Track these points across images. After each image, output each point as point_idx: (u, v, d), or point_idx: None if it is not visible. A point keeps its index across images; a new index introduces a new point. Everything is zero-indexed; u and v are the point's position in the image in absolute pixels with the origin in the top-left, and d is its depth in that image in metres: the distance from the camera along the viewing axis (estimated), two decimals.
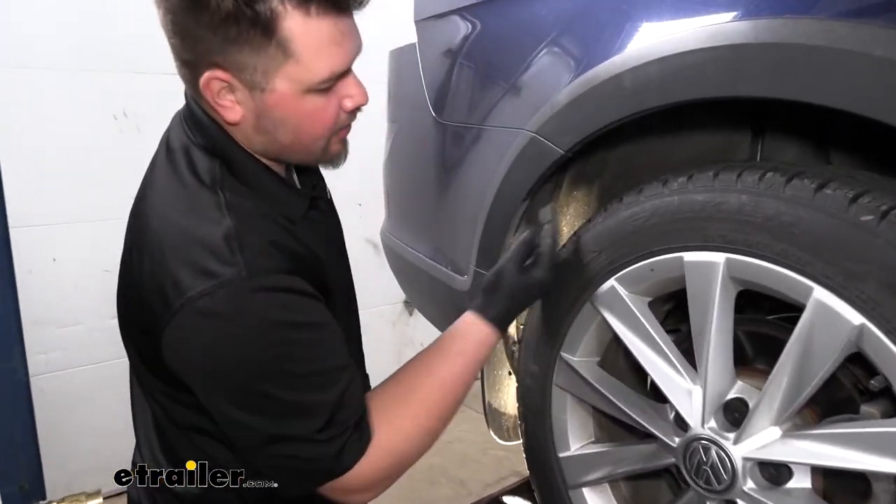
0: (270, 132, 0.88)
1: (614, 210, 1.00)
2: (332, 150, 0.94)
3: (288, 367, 0.82)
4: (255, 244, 0.83)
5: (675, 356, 0.96)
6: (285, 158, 0.95)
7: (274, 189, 0.94)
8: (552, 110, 1.00)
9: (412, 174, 1.47)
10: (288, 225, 0.93)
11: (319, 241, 1.00)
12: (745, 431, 0.87)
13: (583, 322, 1.06)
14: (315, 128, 0.88)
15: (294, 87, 0.83)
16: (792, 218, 0.78)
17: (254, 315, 0.80)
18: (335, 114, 0.89)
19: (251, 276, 0.80)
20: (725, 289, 0.87)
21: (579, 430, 1.12)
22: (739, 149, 1.13)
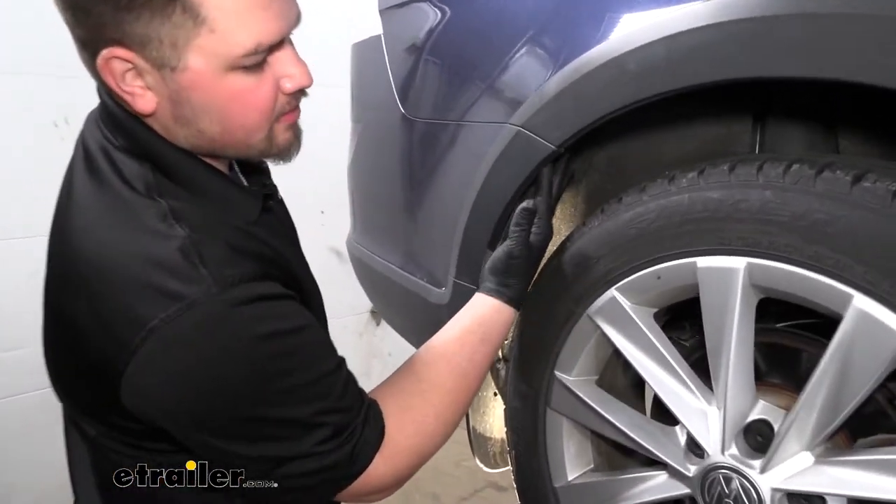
0: (192, 122, 0.75)
1: (613, 212, 0.89)
2: (279, 141, 0.81)
3: (284, 383, 0.73)
4: (217, 254, 0.72)
5: (687, 374, 0.85)
6: (221, 153, 0.81)
7: (220, 190, 0.82)
8: (541, 101, 0.89)
9: (380, 178, 1.35)
10: (245, 227, 0.81)
11: (280, 241, 0.89)
12: (773, 458, 0.77)
13: (579, 337, 0.95)
14: (247, 115, 0.75)
15: (212, 64, 0.70)
16: (826, 216, 0.68)
17: (235, 334, 0.70)
18: (271, 97, 0.76)
19: (222, 290, 0.69)
20: (746, 297, 0.76)
21: (577, 457, 1.01)
22: (739, 140, 1.04)
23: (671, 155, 1.08)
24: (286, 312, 0.75)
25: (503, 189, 0.97)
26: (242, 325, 0.70)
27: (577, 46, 0.85)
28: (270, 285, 0.75)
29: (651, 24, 0.76)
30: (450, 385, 0.86)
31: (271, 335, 0.72)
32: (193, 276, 0.69)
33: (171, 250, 0.70)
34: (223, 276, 0.70)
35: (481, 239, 1.03)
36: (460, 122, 1.07)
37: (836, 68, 0.61)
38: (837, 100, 0.92)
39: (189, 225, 0.73)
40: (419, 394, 0.85)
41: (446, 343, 0.90)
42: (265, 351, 0.72)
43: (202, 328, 0.69)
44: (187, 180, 0.79)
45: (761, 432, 0.80)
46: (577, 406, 0.97)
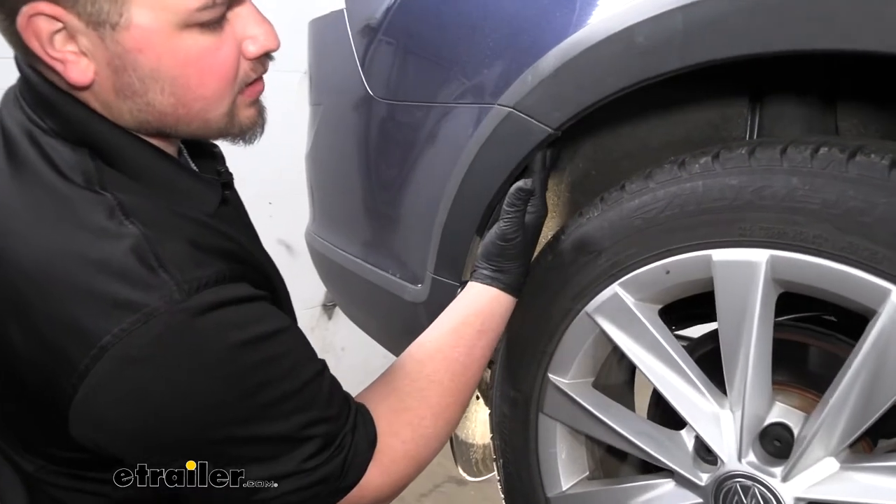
0: (139, 93, 0.64)
1: (615, 201, 0.82)
2: (242, 118, 0.71)
3: (264, 397, 0.63)
4: (178, 253, 0.62)
5: (697, 375, 0.79)
6: (173, 131, 0.69)
7: (172, 178, 0.71)
8: (535, 79, 0.81)
9: (345, 165, 1.24)
10: (205, 220, 0.71)
11: (243, 235, 0.79)
12: (797, 465, 0.71)
13: (576, 337, 0.88)
14: (206, 83, 0.65)
15: (162, 20, 0.60)
16: (862, 203, 0.63)
17: (204, 346, 0.60)
18: (233, 62, 0.66)
19: (186, 296, 0.59)
20: (767, 293, 0.70)
21: (572, 464, 0.94)
22: (733, 124, 0.98)
23: (659, 140, 1.02)
24: (261, 315, 0.66)
25: (491, 176, 0.89)
26: (213, 334, 0.61)
27: (579, 15, 0.77)
28: (242, 287, 0.65)
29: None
30: (448, 383, 0.79)
31: (247, 343, 0.62)
32: (151, 282, 0.59)
33: (122, 252, 0.59)
34: (187, 280, 0.60)
35: (465, 231, 0.94)
36: (439, 104, 0.98)
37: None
38: (837, 78, 0.87)
39: (141, 220, 0.62)
40: (414, 393, 0.77)
41: (441, 337, 0.82)
42: (241, 362, 0.62)
43: (164, 342, 0.58)
44: (134, 167, 0.68)
45: (779, 437, 0.74)
46: (573, 411, 0.89)
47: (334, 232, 1.35)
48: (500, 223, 0.86)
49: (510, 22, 0.85)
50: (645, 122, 1.01)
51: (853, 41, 0.57)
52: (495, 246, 0.86)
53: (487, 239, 0.88)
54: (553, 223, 1.10)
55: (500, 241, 0.85)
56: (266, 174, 2.36)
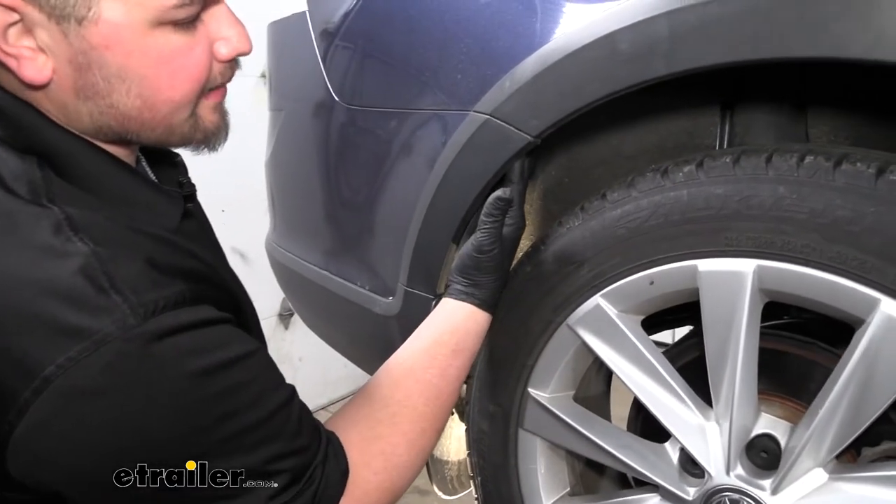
0: (102, 94, 0.60)
1: (597, 210, 0.80)
2: (206, 123, 0.67)
3: (228, 429, 0.58)
4: (133, 273, 0.56)
5: (681, 386, 0.78)
6: (135, 137, 0.64)
7: (130, 190, 0.66)
8: (513, 85, 0.78)
9: (308, 173, 1.19)
10: (165, 236, 0.65)
11: (207, 252, 0.73)
12: (786, 477, 0.70)
13: (557, 350, 0.85)
14: (176, 85, 0.62)
15: (134, 15, 0.57)
16: (851, 213, 0.62)
17: (161, 375, 0.55)
18: (205, 64, 0.63)
19: (142, 320, 0.54)
20: (754, 303, 0.69)
21: (552, 480, 0.92)
22: (705, 132, 0.98)
23: (632, 147, 1.01)
24: (225, 340, 0.61)
25: (467, 185, 0.86)
26: (170, 362, 0.55)
27: (560, 19, 0.74)
28: (204, 310, 0.60)
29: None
30: (422, 407, 0.75)
31: (209, 371, 0.57)
32: (101, 305, 0.53)
33: (69, 272, 0.54)
34: (142, 302, 0.55)
35: (440, 241, 0.91)
36: (410, 110, 0.94)
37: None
38: (807, 85, 0.88)
39: (92, 237, 0.56)
40: (386, 420, 0.73)
41: (413, 358, 0.79)
42: (202, 392, 0.57)
43: (115, 372, 0.53)
44: (87, 177, 0.62)
45: (766, 448, 0.73)
46: (554, 425, 0.87)
47: (297, 241, 1.30)
48: (476, 234, 0.83)
49: (486, 25, 0.82)
50: (617, 130, 1.00)
51: (847, 49, 0.56)
52: (471, 258, 0.83)
53: (463, 251, 0.85)
54: (525, 231, 1.08)
55: (476, 254, 0.83)
56: (219, 181, 2.27)
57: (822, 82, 0.86)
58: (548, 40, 0.75)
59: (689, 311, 0.88)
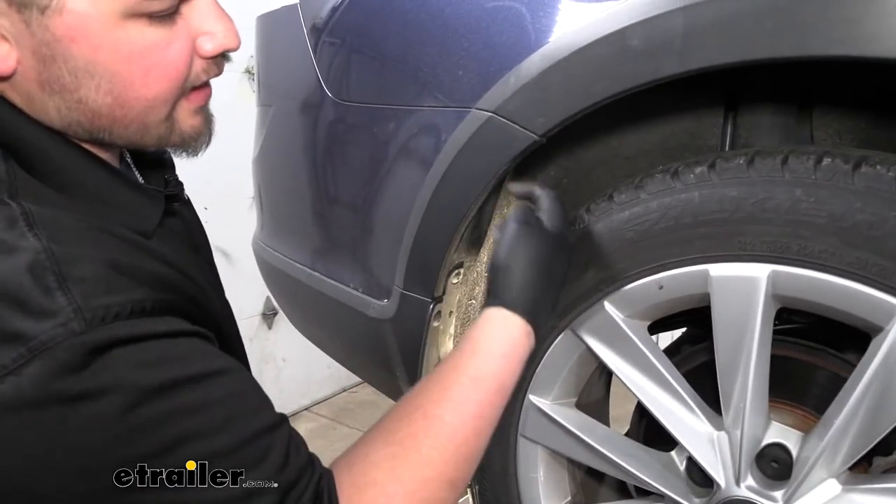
0: (69, 89, 0.55)
1: (604, 212, 0.77)
2: (183, 126, 0.62)
3: (181, 456, 0.52)
4: (90, 275, 0.51)
5: (689, 394, 0.76)
6: (107, 136, 0.60)
7: (104, 187, 0.60)
8: (518, 82, 0.75)
9: (299, 171, 1.16)
10: (138, 240, 0.60)
11: (187, 258, 0.68)
12: (799, 488, 0.69)
13: (560, 356, 0.83)
14: (151, 82, 0.56)
15: (103, 6, 0.52)
16: (871, 217, 0.60)
17: (106, 390, 0.49)
18: (185, 60, 0.58)
19: (87, 325, 0.48)
20: (767, 310, 0.67)
21: (553, 489, 0.89)
22: (708, 133, 0.96)
23: (632, 148, 0.99)
24: (188, 354, 0.55)
25: (468, 185, 0.83)
26: (116, 376, 0.49)
27: (566, 16, 0.72)
28: (167, 321, 0.54)
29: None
30: (426, 451, 0.61)
31: (163, 387, 0.51)
32: (46, 307, 0.48)
33: (15, 269, 0.49)
34: (91, 307, 0.49)
35: (439, 243, 0.88)
36: (408, 107, 0.91)
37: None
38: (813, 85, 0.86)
39: (49, 234, 0.51)
40: (384, 463, 0.60)
41: (428, 387, 0.66)
42: (154, 410, 0.50)
43: (49, 385, 0.47)
44: (58, 174, 0.57)
45: (777, 458, 0.71)
46: (555, 433, 0.85)
47: (285, 241, 1.26)
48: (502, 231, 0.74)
49: (489, 19, 0.79)
50: (618, 130, 0.97)
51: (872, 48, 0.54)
52: (492, 267, 0.72)
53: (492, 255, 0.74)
54: None
55: (496, 257, 0.72)
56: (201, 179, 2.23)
57: (828, 83, 0.85)
58: (555, 36, 0.72)
59: (687, 315, 0.87)
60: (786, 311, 0.78)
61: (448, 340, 0.99)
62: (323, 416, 2.85)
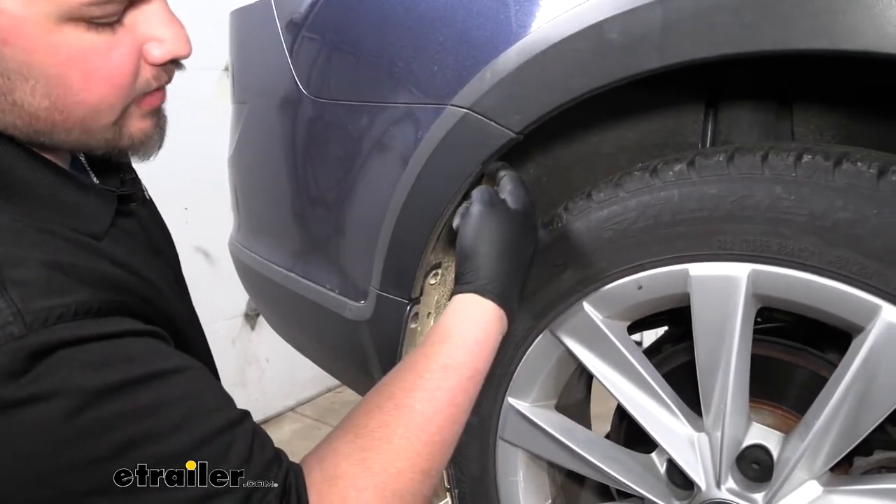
0: (4, 90, 0.53)
1: (582, 210, 0.76)
2: (132, 130, 0.60)
3: (133, 459, 0.50)
4: (30, 276, 0.50)
5: (670, 396, 0.74)
6: (48, 139, 0.58)
7: (48, 187, 0.58)
8: (494, 77, 0.73)
9: (274, 170, 1.13)
10: (84, 240, 0.58)
11: (142, 259, 0.66)
12: (780, 490, 0.67)
13: (539, 357, 0.81)
14: (91, 88, 0.54)
15: (37, 8, 0.50)
16: (853, 215, 0.59)
17: (49, 395, 0.47)
18: (129, 67, 0.56)
19: (26, 329, 0.47)
20: (747, 309, 0.66)
21: (533, 492, 0.88)
22: (688, 130, 0.95)
23: (612, 145, 0.97)
24: (140, 353, 0.53)
25: (444, 184, 0.81)
26: (61, 379, 0.48)
27: (542, 9, 0.70)
28: (115, 321, 0.52)
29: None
30: (398, 441, 0.59)
31: (114, 387, 0.49)
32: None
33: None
34: (31, 310, 0.47)
35: (415, 242, 0.86)
36: (383, 104, 0.89)
37: None
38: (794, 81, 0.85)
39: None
40: (354, 455, 0.59)
41: (399, 376, 0.65)
42: (103, 411, 0.49)
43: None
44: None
45: (758, 460, 0.70)
46: (535, 436, 0.83)
47: (262, 242, 1.23)
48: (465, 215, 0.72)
49: (464, 13, 0.77)
50: (597, 127, 0.96)
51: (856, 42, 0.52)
52: (459, 251, 0.71)
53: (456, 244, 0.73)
54: None
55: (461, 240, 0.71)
56: (181, 178, 2.19)
57: (809, 79, 0.84)
58: (532, 29, 0.70)
59: (668, 314, 0.85)
60: (766, 310, 0.77)
61: None
62: (308, 416, 2.82)
